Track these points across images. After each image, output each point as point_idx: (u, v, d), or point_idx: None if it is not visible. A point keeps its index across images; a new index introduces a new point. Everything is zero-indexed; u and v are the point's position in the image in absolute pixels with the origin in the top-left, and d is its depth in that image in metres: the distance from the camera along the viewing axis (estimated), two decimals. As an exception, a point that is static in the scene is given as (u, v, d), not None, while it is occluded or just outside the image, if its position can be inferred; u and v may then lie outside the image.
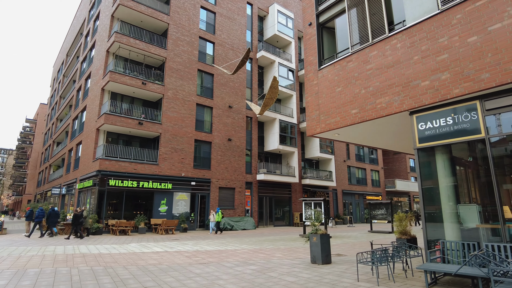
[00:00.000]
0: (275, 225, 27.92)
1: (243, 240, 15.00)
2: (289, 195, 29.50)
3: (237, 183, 25.59)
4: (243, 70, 27.74)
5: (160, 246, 12.43)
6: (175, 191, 21.83)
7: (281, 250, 11.31)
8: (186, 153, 22.81)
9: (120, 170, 19.43)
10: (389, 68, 7.88)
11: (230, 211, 24.61)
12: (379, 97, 7.97)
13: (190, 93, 23.81)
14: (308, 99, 9.86)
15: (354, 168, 38.03)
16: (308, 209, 16.99)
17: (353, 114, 8.46)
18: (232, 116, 26.28)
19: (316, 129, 9.39)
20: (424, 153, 7.32)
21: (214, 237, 17.23)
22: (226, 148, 25.32)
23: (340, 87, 8.97)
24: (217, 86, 25.68)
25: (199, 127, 24.19)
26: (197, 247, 12.31)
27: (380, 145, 11.61)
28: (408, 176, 47.16)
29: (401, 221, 11.70)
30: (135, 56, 22.54)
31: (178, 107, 22.92)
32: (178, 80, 23.24)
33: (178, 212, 21.82)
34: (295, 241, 14.52)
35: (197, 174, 23.18)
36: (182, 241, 14.84)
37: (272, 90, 17.33)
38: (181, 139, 22.66)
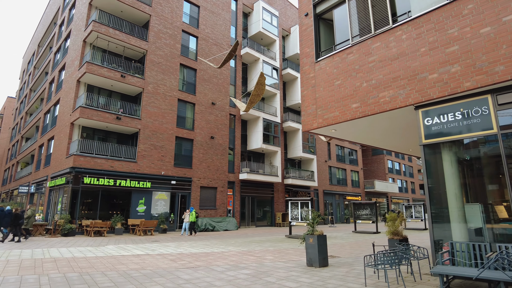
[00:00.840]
0: (257, 225, 27.36)
1: (228, 242, 14.32)
2: (272, 195, 29.04)
3: (219, 183, 24.84)
4: (227, 67, 27.03)
5: (140, 249, 11.55)
6: (154, 190, 20.81)
7: (271, 252, 10.75)
8: (167, 150, 21.83)
9: (96, 167, 18.24)
10: (393, 61, 7.49)
11: (211, 211, 23.82)
12: (382, 91, 7.57)
13: (172, 88, 22.84)
14: (304, 92, 9.35)
15: (335, 168, 38.14)
16: (295, 209, 16.54)
17: (354, 108, 8.03)
18: (215, 113, 25.50)
19: (313, 124, 8.90)
20: (431, 149, 6.97)
21: (196, 238, 16.44)
22: (208, 146, 24.52)
23: (339, 80, 8.52)
24: (200, 82, 24.83)
25: (180, 123, 23.25)
26: (180, 249, 11.53)
27: (378, 143, 11.26)
28: (386, 177, 47.98)
29: (393, 221, 11.43)
30: (114, 47, 21.32)
31: (159, 102, 21.91)
32: (159, 74, 22.22)
33: (157, 212, 20.81)
34: (283, 242, 14.00)
35: (177, 172, 22.25)
36: (163, 242, 13.97)
37: (258, 86, 16.82)
38: (161, 135, 21.66)
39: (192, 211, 18.99)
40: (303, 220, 15.90)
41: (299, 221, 16.09)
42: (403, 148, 11.83)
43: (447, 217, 6.64)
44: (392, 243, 11.24)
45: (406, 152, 12.62)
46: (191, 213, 18.86)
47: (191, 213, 18.83)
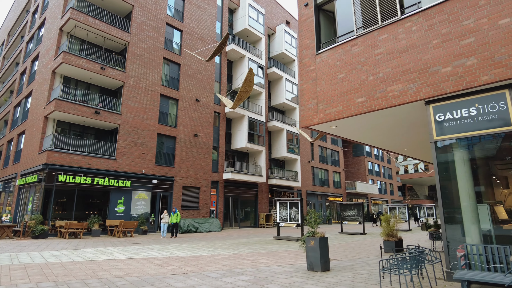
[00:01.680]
0: (240, 226, 26.71)
1: (215, 244, 13.61)
2: (255, 196, 28.47)
3: (203, 182, 24.01)
4: (212, 63, 26.24)
5: (121, 252, 10.66)
6: (134, 189, 19.74)
7: (264, 255, 10.16)
8: (148, 148, 20.80)
9: (72, 164, 17.02)
10: (402, 53, 7.10)
11: (194, 212, 22.96)
12: (390, 85, 7.16)
13: (154, 83, 21.83)
14: (304, 86, 8.84)
15: (318, 169, 38.07)
16: (283, 210, 16.03)
17: (359, 103, 7.59)
18: (199, 110, 24.66)
19: (313, 120, 8.39)
20: (442, 146, 6.62)
21: (180, 240, 15.62)
22: (191, 144, 23.64)
23: (343, 73, 8.06)
24: (184, 77, 23.92)
25: (162, 120, 22.27)
26: (166, 252, 10.73)
27: (379, 142, 10.76)
28: (366, 179, 48.52)
29: (388, 222, 11.13)
30: (93, 38, 20.08)
31: (140, 97, 20.86)
32: (141, 68, 21.17)
33: (137, 212, 19.75)
34: (272, 244, 13.45)
35: (159, 171, 21.26)
36: (145, 245, 13.08)
37: (247, 83, 16.18)
38: (142, 132, 20.61)
39: (176, 212, 18.09)
40: (292, 221, 15.43)
41: (288, 222, 15.60)
42: (401, 147, 11.54)
43: (459, 218, 6.30)
44: (389, 245, 10.95)
45: (401, 152, 12.40)
46: (176, 213, 17.97)
47: (176, 213, 17.94)
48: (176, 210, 18.36)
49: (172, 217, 17.87)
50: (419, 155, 13.27)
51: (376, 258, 9.42)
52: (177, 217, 17.89)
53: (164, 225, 17.61)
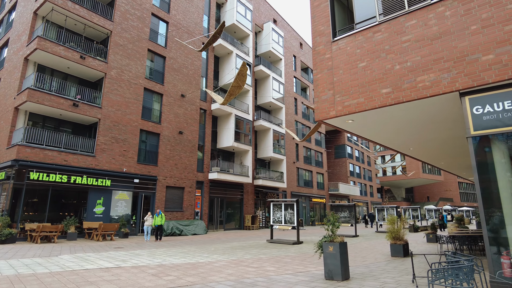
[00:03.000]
0: (225, 228, 25.67)
1: (207, 248, 12.59)
2: (241, 197, 27.53)
3: (187, 182, 22.82)
4: (198, 58, 25.12)
5: (106, 259, 9.46)
6: (114, 189, 18.33)
7: (266, 261, 9.29)
8: (130, 144, 19.43)
9: (46, 160, 15.46)
10: (434, 40, 6.47)
11: (178, 214, 21.73)
12: (420, 74, 6.51)
13: (138, 75, 20.48)
14: (318, 76, 8.07)
15: (302, 170, 37.64)
16: (278, 211, 15.23)
17: (384, 94, 6.89)
18: (185, 106, 23.46)
19: (330, 112, 7.63)
20: (481, 142, 6.02)
21: (166, 244, 14.46)
22: (176, 142, 22.42)
23: (364, 62, 7.35)
24: (169, 71, 22.67)
25: (146, 115, 20.94)
26: (157, 259, 9.63)
27: (393, 140, 9.87)
28: (348, 180, 48.70)
29: (393, 225, 10.56)
30: (72, 24, 18.50)
31: (123, 90, 19.46)
32: (125, 59, 19.77)
33: (117, 214, 18.34)
34: (268, 248, 12.60)
35: (141, 170, 19.92)
36: (130, 250, 11.87)
37: (240, 77, 15.30)
38: (124, 127, 19.22)
39: (160, 213, 16.86)
40: (287, 223, 14.65)
41: (283, 224, 14.81)
42: (415, 146, 10.83)
43: (501, 220, 5.71)
44: (396, 249, 10.37)
45: (406, 152, 11.90)
46: (160, 215, 16.74)
47: (160, 215, 16.71)
48: (160, 211, 17.14)
49: (156, 219, 16.65)
50: (431, 155, 12.74)
51: (388, 263, 8.78)
52: (161, 219, 16.70)
53: (148, 227, 16.37)
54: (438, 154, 12.49)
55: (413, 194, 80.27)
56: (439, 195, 75.66)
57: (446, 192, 75.35)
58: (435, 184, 76.44)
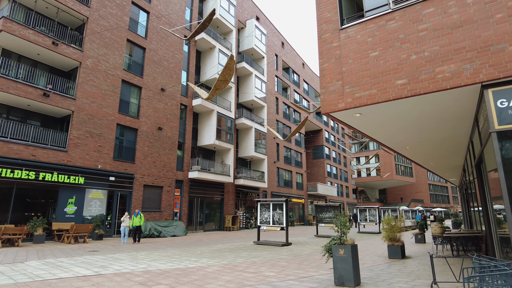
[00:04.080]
0: (204, 229, 24.71)
1: (193, 251, 11.74)
2: (222, 197, 26.67)
3: (166, 181, 21.71)
4: (179, 51, 24.05)
5: (82, 265, 8.41)
6: (88, 187, 16.99)
7: (262, 265, 8.61)
8: (106, 140, 18.14)
9: (11, 155, 13.96)
10: (454, 29, 6.06)
11: (155, 214, 20.59)
12: (440, 65, 6.08)
13: (116, 66, 19.18)
14: (325, 65, 7.50)
15: (283, 170, 37.28)
16: (265, 211, 14.58)
17: (399, 85, 6.42)
18: (165, 101, 22.33)
19: (338, 105, 7.08)
20: (507, 137, 5.66)
21: (147, 247, 13.44)
22: (155, 138, 21.25)
23: (376, 51, 6.86)
24: (149, 63, 21.48)
25: (123, 109, 19.67)
26: (141, 264, 8.69)
27: (398, 138, 9.31)
28: (325, 181, 48.94)
29: (391, 226, 10.20)
30: (43, 7, 16.97)
31: (99, 81, 18.12)
32: (102, 48, 18.44)
33: (90, 214, 17.00)
34: (258, 250, 11.93)
35: (117, 167, 18.66)
36: (107, 253, 10.81)
37: (227, 71, 14.57)
38: (99, 121, 17.91)
39: (139, 213, 15.76)
40: (276, 224, 14.04)
41: (271, 225, 14.18)
42: (419, 146, 10.44)
43: (527, 222, 5.35)
44: (394, 250, 10.01)
45: (401, 150, 11.61)
46: (139, 215, 15.63)
47: (139, 215, 15.62)
48: (139, 211, 16.03)
49: (134, 219, 15.53)
50: (424, 155, 12.48)
51: (389, 265, 8.35)
52: (140, 220, 15.61)
53: (125, 229, 15.24)
54: (431, 154, 12.34)
55: (386, 195, 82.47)
56: (410, 196, 78.11)
57: (417, 193, 77.93)
58: (407, 186, 78.89)
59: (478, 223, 11.51)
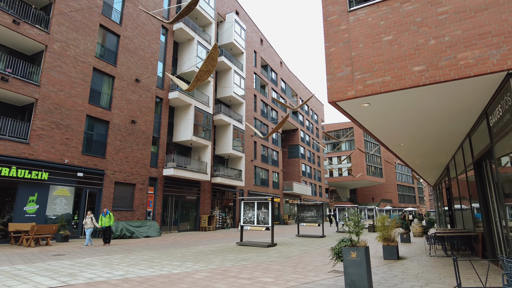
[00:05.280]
0: (179, 230, 23.50)
1: (173, 254, 10.72)
2: (198, 195, 25.55)
3: (139, 178, 20.34)
4: (156, 40, 22.70)
5: (45, 273, 7.22)
6: (52, 183, 15.41)
7: (255, 270, 7.83)
8: (74, 132, 16.58)
9: (-39, 145, 12.22)
10: (478, 12, 5.59)
11: (127, 214, 19.20)
12: (462, 51, 5.58)
13: (87, 53, 17.62)
14: (332, 50, 6.83)
15: (259, 168, 36.64)
16: (249, 211, 13.79)
17: (416, 72, 5.86)
18: (139, 92, 20.93)
19: (347, 92, 6.43)
20: (535, 131, 5.24)
21: (119, 249, 12.22)
22: (128, 132, 19.83)
23: (390, 35, 6.28)
24: (123, 52, 20.01)
25: (94, 99, 18.13)
26: (117, 270, 7.61)
27: (401, 135, 8.74)
28: (300, 180, 48.90)
29: (385, 226, 9.76)
30: (2, -19, 15.17)
31: (68, 68, 16.53)
32: (72, 32, 16.84)
33: (55, 213, 15.43)
34: (244, 252, 11.12)
35: (86, 162, 17.14)
36: (75, 258, 9.56)
37: (210, 61, 13.61)
38: (67, 112, 16.33)
39: (108, 213, 14.42)
40: (261, 224, 13.29)
41: (255, 225, 13.42)
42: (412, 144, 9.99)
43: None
44: (390, 251, 9.56)
45: (394, 147, 11.23)
46: (109, 215, 14.31)
47: (108, 215, 14.29)
48: (108, 210, 14.67)
49: (103, 219, 14.19)
50: (415, 153, 12.13)
51: (390, 267, 7.85)
52: (110, 220, 14.30)
53: (89, 230, 13.72)
54: (422, 152, 12.10)
55: (356, 195, 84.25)
56: (380, 196, 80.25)
57: (386, 193, 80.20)
58: (377, 186, 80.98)
59: (468, 222, 11.37)
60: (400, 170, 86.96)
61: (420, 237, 17.26)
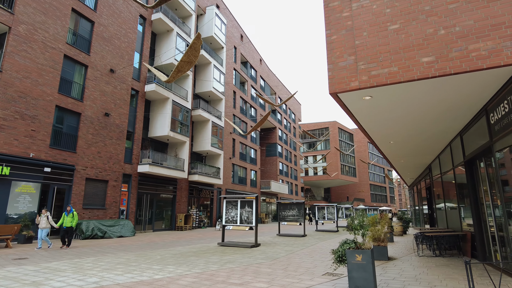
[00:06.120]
0: (154, 229, 22.47)
1: (151, 256, 9.94)
2: (174, 193, 24.58)
3: (112, 175, 19.17)
4: (133, 30, 21.51)
5: (3, 283, 6.29)
6: (15, 179, 14.08)
7: (244, 274, 7.26)
8: (41, 123, 15.27)
9: None
10: (491, 2, 5.31)
11: (99, 212, 18.03)
12: (474, 42, 5.28)
13: (57, 38, 16.30)
14: (333, 37, 6.37)
15: (238, 166, 36.03)
16: (232, 209, 13.19)
17: (425, 63, 5.51)
18: (114, 84, 19.73)
19: (351, 83, 5.99)
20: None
21: (91, 251, 11.25)
22: (101, 125, 18.62)
23: (397, 24, 5.90)
24: (97, 40, 18.74)
25: (65, 89, 16.83)
26: (90, 277, 6.79)
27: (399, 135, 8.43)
28: (277, 179, 48.75)
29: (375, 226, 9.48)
30: (-40, -47, 13.64)
31: (35, 53, 15.18)
32: (40, 14, 15.48)
33: (17, 212, 14.10)
34: (228, 254, 10.52)
35: (55, 156, 15.86)
36: (40, 263, 8.58)
37: (192, 51, 12.98)
38: (34, 101, 15.00)
39: (72, 211, 12.62)
40: (244, 223, 12.73)
41: (238, 225, 12.84)
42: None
43: None
44: (380, 251, 9.29)
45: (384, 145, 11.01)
46: (72, 213, 12.50)
47: (71, 213, 12.48)
48: (72, 209, 12.72)
49: (65, 218, 12.34)
50: (401, 152, 11.93)
51: (386, 268, 7.53)
52: (72, 219, 12.39)
53: (42, 231, 11.90)
54: (409, 151, 12.00)
55: (330, 194, 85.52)
56: (353, 195, 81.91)
57: (359, 193, 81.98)
58: (350, 185, 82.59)
59: (453, 222, 11.37)
60: (373, 170, 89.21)
61: (400, 236, 17.33)
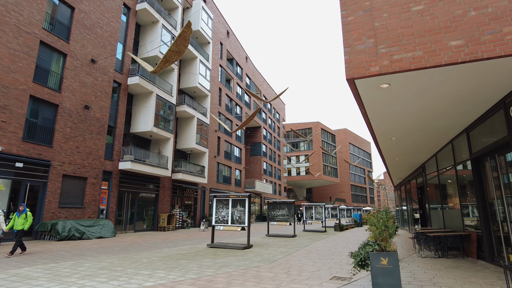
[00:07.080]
0: (135, 230, 21.35)
1: (137, 259, 9.08)
2: (156, 192, 23.52)
3: (91, 172, 17.99)
4: (116, 19, 20.36)
5: (-34, 289, 5.35)
6: (-18, 175, 12.79)
7: (245, 279, 6.58)
8: (13, 114, 14.02)
9: None
10: (526, -19, 4.90)
11: (77, 211, 16.85)
12: (508, 24, 4.84)
13: (32, 23, 15.05)
14: (350, 18, 5.80)
15: (223, 165, 35.19)
16: (223, 209, 12.45)
17: (454, 47, 5.02)
18: (95, 75, 18.55)
19: (370, 68, 5.42)
20: None
21: (69, 254, 10.24)
22: (80, 118, 17.43)
23: (421, 5, 5.39)
24: (78, 27, 17.53)
25: (40, 78, 15.58)
26: (69, 286, 5.92)
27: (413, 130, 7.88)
28: (262, 178, 48.20)
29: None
30: None
31: (7, 38, 13.92)
32: (13, -5, 14.21)
33: (-16, 210, 12.77)
34: (221, 256, 9.79)
35: (28, 151, 14.62)
36: (9, 268, 7.58)
37: (181, 41, 12.28)
38: (4, 89, 13.75)
39: (25, 211, 10.08)
40: (236, 223, 12.02)
41: (229, 225, 12.11)
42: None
43: None
44: (384, 254, 8.80)
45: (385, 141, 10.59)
46: (25, 214, 10.01)
47: (24, 214, 9.98)
48: (26, 208, 10.23)
49: (17, 220, 9.92)
50: (400, 149, 11.52)
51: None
52: (25, 221, 9.97)
53: None
54: (407, 148, 11.66)
55: (312, 194, 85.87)
56: (334, 196, 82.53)
57: (340, 193, 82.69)
58: (332, 186, 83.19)
59: (453, 222, 11.09)
60: (354, 171, 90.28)
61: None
